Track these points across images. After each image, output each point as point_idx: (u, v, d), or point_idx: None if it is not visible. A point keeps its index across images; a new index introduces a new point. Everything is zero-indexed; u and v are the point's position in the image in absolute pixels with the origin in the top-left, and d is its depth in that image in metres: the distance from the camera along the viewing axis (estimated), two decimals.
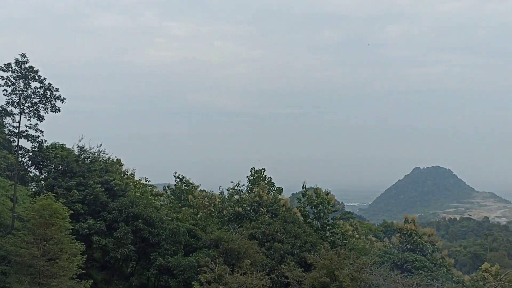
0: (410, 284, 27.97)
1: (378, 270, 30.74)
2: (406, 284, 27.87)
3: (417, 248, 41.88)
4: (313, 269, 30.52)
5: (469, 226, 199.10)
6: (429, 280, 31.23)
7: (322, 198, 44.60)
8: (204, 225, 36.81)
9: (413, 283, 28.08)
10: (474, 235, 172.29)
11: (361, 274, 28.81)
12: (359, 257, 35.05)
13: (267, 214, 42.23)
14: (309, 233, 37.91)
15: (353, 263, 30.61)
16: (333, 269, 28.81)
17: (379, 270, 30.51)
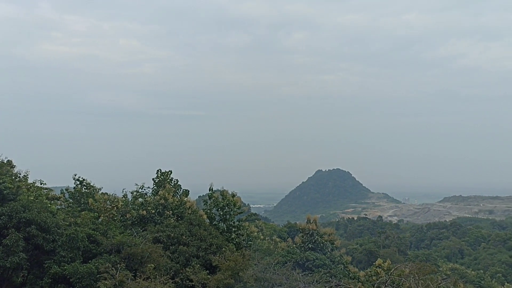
0: (310, 281, 29.12)
1: (281, 269, 31.55)
2: (307, 281, 28.97)
3: (318, 247, 43.74)
4: (218, 271, 30.56)
5: (365, 225, 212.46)
6: (328, 277, 32.72)
7: (228, 200, 44.85)
8: (106, 230, 35.18)
9: (313, 280, 29.28)
10: (369, 233, 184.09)
11: (265, 274, 29.39)
12: (264, 257, 35.76)
13: (173, 217, 41.53)
14: (215, 235, 37.89)
15: (258, 264, 31.14)
16: (238, 270, 29.09)
17: (282, 270, 31.32)
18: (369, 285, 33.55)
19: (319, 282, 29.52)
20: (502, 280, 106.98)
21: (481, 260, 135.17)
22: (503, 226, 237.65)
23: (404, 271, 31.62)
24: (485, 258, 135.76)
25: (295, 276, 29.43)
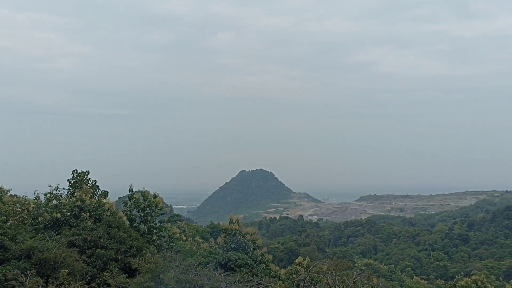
0: (232, 281, 29.23)
1: (203, 270, 31.34)
2: (228, 281, 29.04)
3: (240, 247, 43.97)
4: (138, 274, 29.70)
5: (287, 224, 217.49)
6: (249, 276, 33.02)
7: (150, 201, 43.68)
8: (15, 234, 32.80)
9: (234, 280, 29.42)
10: (290, 232, 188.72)
11: (187, 276, 29.02)
12: (185, 258, 35.30)
13: (90, 219, 39.67)
14: (135, 237, 36.79)
15: (179, 265, 30.68)
16: (159, 273, 28.47)
17: (204, 271, 31.12)
18: (289, 282, 34.34)
19: (241, 281, 29.72)
20: (411, 273, 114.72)
21: (393, 255, 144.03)
22: (412, 223, 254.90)
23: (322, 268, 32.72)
24: (396, 253, 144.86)
25: (217, 277, 29.39)
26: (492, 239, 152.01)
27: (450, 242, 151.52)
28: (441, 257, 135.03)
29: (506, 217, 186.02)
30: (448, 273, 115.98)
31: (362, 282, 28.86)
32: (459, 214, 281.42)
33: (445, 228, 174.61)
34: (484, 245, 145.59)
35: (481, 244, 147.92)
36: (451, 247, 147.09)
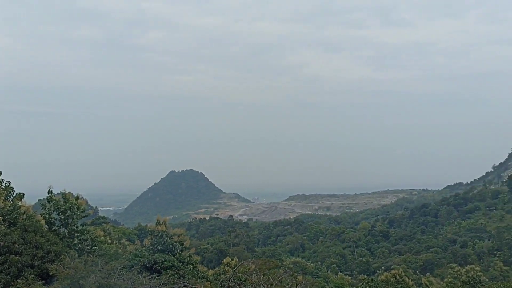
0: (157, 284, 28.55)
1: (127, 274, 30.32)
2: (154, 284, 28.34)
3: (167, 248, 43.08)
4: (56, 281, 28.12)
5: (217, 224, 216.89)
6: (176, 278, 32.43)
7: (71, 203, 41.56)
8: None
9: (160, 283, 28.75)
10: (220, 233, 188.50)
11: (109, 280, 27.91)
12: (109, 262, 33.93)
13: (4, 223, 36.97)
14: (54, 241, 34.79)
15: (101, 270, 29.43)
16: (78, 278, 27.11)
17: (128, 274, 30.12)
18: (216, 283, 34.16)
19: (167, 284, 29.12)
20: (336, 270, 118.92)
21: (319, 253, 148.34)
22: (338, 221, 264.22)
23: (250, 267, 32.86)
24: (323, 251, 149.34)
25: (141, 280, 28.56)
26: (410, 235, 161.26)
27: (372, 238, 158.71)
28: (364, 253, 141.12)
29: (422, 214, 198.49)
30: (371, 268, 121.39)
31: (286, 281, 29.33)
32: (381, 212, 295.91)
33: (368, 225, 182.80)
34: (403, 241, 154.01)
35: (400, 239, 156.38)
36: (373, 243, 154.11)
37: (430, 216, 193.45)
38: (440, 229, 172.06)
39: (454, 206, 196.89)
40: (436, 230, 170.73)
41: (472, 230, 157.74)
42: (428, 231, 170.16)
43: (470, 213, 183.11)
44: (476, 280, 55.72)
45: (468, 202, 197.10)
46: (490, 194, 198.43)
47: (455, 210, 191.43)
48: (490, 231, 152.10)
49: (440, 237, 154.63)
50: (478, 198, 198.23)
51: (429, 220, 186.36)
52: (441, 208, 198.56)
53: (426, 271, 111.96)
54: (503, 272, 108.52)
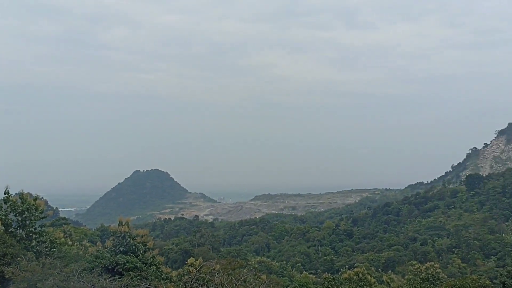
0: (119, 286, 27.97)
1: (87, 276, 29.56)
2: (115, 286, 27.74)
3: (129, 250, 42.24)
4: (12, 284, 27.13)
5: (182, 225, 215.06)
6: (139, 280, 31.87)
7: (29, 204, 40.24)
8: None
9: (121, 285, 28.16)
10: (185, 233, 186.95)
11: (68, 283, 27.14)
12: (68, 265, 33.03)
13: None
14: (10, 244, 33.59)
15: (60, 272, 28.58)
16: (35, 281, 26.24)
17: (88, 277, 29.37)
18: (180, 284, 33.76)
19: (128, 286, 28.57)
20: (301, 269, 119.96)
21: (285, 252, 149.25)
22: (303, 220, 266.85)
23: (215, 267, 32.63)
24: (288, 250, 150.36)
25: (102, 282, 27.89)
26: (373, 233, 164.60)
27: (336, 237, 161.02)
28: (328, 252, 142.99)
29: (385, 213, 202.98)
30: (334, 267, 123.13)
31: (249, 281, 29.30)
32: (345, 211, 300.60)
33: (332, 224, 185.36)
34: (366, 239, 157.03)
35: (364, 238, 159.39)
36: (337, 242, 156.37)
37: (392, 215, 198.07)
38: (401, 228, 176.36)
39: (415, 205, 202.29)
40: (398, 229, 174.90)
41: (432, 228, 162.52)
42: (390, 230, 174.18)
43: (430, 212, 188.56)
44: (435, 277, 57.35)
45: (428, 201, 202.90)
46: (449, 193, 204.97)
47: (416, 209, 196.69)
48: (448, 229, 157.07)
49: (402, 235, 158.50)
50: (438, 197, 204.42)
51: (391, 219, 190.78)
52: (403, 207, 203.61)
53: (388, 268, 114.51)
54: (461, 268, 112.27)
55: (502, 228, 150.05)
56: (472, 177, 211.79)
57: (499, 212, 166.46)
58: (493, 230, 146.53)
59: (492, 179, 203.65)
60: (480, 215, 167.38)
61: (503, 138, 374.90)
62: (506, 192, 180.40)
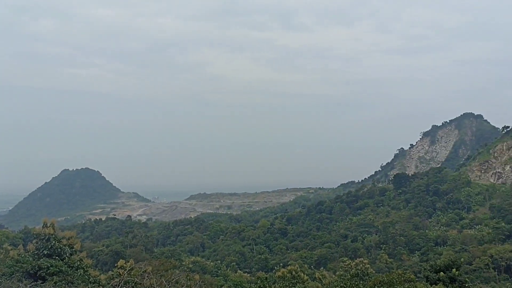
0: None
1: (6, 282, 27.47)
2: None
3: (54, 253, 39.87)
4: None
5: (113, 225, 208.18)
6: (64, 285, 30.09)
7: None
8: None
9: None
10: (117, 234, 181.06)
11: None
12: None
13: None
14: None
15: None
16: None
17: (7, 283, 27.29)
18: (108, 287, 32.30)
19: None
20: (235, 268, 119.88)
21: (220, 252, 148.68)
22: (238, 219, 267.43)
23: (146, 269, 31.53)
24: (223, 249, 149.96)
25: None
26: (306, 231, 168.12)
27: (271, 236, 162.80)
28: (263, 251, 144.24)
29: (318, 211, 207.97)
30: (269, 265, 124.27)
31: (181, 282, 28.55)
32: (280, 209, 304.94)
33: (267, 223, 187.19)
34: (300, 237, 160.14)
35: (297, 236, 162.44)
36: (272, 240, 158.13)
37: (325, 213, 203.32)
38: (334, 225, 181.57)
39: (346, 203, 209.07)
40: (330, 226, 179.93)
41: (362, 226, 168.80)
42: (323, 228, 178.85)
43: (360, 210, 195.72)
44: (364, 273, 59.33)
45: (359, 199, 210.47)
46: (378, 192, 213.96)
47: (347, 207, 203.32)
48: (377, 226, 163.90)
49: (334, 232, 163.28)
50: (368, 196, 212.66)
51: (324, 217, 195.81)
52: (335, 206, 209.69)
53: (320, 265, 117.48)
54: (388, 263, 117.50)
55: (425, 225, 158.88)
56: (399, 176, 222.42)
57: (423, 210, 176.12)
58: (418, 226, 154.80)
59: (417, 178, 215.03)
60: (406, 212, 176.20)
61: (427, 140, 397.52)
62: (429, 191, 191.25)
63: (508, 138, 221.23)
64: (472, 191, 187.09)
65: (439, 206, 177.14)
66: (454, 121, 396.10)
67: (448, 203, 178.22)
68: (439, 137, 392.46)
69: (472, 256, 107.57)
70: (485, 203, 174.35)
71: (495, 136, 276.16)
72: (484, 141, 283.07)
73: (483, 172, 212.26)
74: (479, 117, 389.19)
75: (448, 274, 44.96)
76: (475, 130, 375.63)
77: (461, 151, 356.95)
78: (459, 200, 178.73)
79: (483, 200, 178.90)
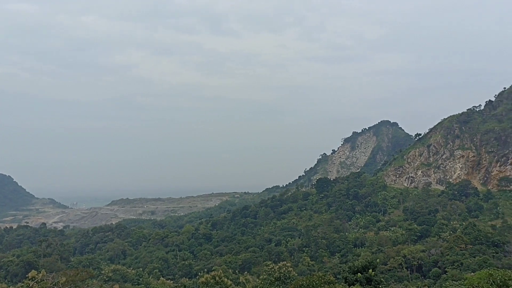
0: None
1: None
2: None
3: None
4: None
5: (26, 234, 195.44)
6: None
7: None
8: None
9: None
10: (30, 243, 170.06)
11: None
12: None
13: None
14: None
15: None
16: None
17: None
18: None
19: None
20: (158, 275, 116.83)
21: (142, 259, 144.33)
22: (162, 225, 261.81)
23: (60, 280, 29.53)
24: (145, 256, 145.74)
25: None
26: (231, 236, 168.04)
27: (195, 241, 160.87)
28: (187, 256, 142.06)
29: (243, 216, 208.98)
30: (193, 271, 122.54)
31: None
32: (205, 214, 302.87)
33: (192, 228, 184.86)
34: (224, 242, 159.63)
35: (222, 241, 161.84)
36: (196, 246, 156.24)
37: (250, 217, 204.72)
38: (258, 230, 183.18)
39: (271, 207, 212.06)
40: (255, 231, 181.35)
41: (286, 229, 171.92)
42: (248, 232, 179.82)
43: (284, 214, 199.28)
44: (287, 276, 60.15)
45: (283, 203, 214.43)
46: (301, 196, 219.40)
47: (272, 211, 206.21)
48: (300, 230, 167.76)
49: (258, 237, 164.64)
50: (292, 200, 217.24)
51: (249, 222, 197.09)
52: (260, 210, 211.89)
53: (245, 269, 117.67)
54: (310, 266, 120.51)
55: (345, 227, 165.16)
56: (322, 181, 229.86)
57: (344, 213, 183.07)
58: (338, 229, 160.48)
59: (338, 182, 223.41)
60: (327, 215, 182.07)
61: (348, 145, 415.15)
62: (349, 195, 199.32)
63: (419, 145, 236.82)
64: (388, 195, 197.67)
65: (358, 209, 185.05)
66: (373, 128, 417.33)
67: (366, 206, 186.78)
68: (359, 143, 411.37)
69: (387, 256, 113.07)
70: (399, 206, 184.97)
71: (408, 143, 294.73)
72: (399, 147, 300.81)
73: (397, 176, 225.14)
74: (394, 124, 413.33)
75: (365, 275, 46.73)
76: (391, 137, 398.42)
77: (378, 156, 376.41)
78: (376, 203, 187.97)
79: (397, 203, 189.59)
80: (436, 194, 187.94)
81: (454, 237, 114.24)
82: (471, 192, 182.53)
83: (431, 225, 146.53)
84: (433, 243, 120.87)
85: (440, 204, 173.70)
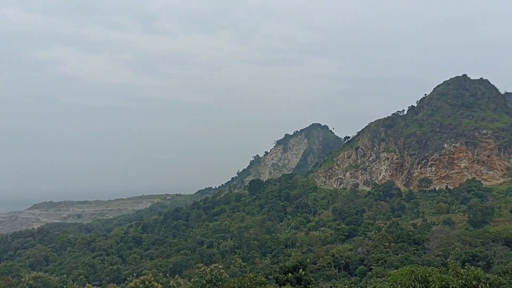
0: None
1: None
2: None
3: None
4: None
5: None
6: None
7: None
8: None
9: None
10: None
11: None
12: None
13: None
14: None
15: None
16: None
17: None
18: None
19: None
20: (84, 281, 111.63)
21: (66, 265, 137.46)
22: (89, 229, 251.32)
23: None
24: (70, 262, 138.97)
25: None
26: (162, 239, 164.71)
27: (124, 245, 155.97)
28: (116, 261, 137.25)
29: (175, 218, 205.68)
30: (121, 276, 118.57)
31: None
32: (135, 217, 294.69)
33: (121, 231, 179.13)
34: (155, 245, 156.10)
35: (153, 244, 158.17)
36: (125, 250, 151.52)
37: (182, 219, 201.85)
38: (190, 232, 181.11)
39: (203, 209, 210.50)
40: (187, 233, 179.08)
41: (218, 231, 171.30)
42: (180, 234, 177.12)
43: (217, 216, 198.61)
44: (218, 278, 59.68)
45: (216, 205, 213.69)
46: (234, 198, 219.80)
47: (204, 213, 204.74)
48: (232, 231, 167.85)
49: (190, 239, 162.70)
50: (224, 201, 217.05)
51: (181, 224, 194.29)
52: (192, 212, 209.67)
53: (176, 273, 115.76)
54: (242, 267, 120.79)
55: (277, 228, 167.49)
56: (254, 182, 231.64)
57: (275, 214, 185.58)
58: (270, 230, 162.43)
59: (270, 184, 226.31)
60: (259, 217, 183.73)
61: (280, 147, 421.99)
62: (281, 196, 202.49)
63: (348, 147, 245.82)
64: (318, 196, 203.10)
65: (289, 210, 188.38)
66: (304, 130, 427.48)
67: (297, 207, 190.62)
68: (291, 145, 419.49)
69: (316, 256, 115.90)
70: (329, 207, 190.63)
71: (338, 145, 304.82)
72: (329, 149, 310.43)
73: (327, 178, 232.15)
74: (325, 127, 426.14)
75: (295, 275, 47.39)
76: (322, 139, 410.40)
77: (309, 158, 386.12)
78: (307, 204, 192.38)
79: (327, 204, 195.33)
80: (363, 195, 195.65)
81: (379, 236, 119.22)
82: (394, 193, 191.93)
83: (358, 225, 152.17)
84: (359, 242, 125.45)
85: (366, 204, 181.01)
